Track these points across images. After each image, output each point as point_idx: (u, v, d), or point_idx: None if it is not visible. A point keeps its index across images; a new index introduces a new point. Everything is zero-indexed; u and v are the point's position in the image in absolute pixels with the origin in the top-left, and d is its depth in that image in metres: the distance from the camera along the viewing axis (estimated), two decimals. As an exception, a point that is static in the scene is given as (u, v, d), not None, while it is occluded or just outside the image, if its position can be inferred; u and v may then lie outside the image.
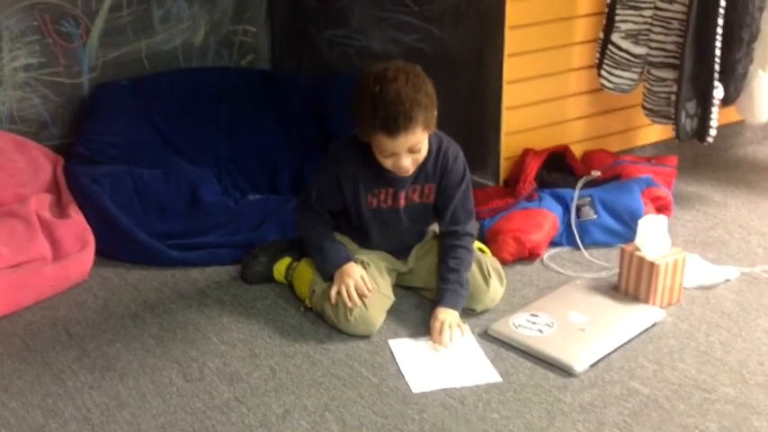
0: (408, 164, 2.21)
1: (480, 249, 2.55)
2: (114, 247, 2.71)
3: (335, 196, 2.35)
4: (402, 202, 2.37)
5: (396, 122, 2.10)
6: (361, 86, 2.16)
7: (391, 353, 2.22)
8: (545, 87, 3.05)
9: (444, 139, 2.34)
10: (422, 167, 2.30)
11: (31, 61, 3.11)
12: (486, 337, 2.28)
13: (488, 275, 2.39)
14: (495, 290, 2.41)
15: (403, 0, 3.12)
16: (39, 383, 2.11)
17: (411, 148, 2.18)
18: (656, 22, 2.90)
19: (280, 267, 2.54)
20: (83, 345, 2.27)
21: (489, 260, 2.46)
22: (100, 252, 2.68)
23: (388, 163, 2.22)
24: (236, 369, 2.16)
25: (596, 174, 2.99)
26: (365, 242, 2.45)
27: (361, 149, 2.27)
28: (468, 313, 2.38)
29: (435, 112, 2.20)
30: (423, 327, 2.33)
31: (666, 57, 2.91)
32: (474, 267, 2.39)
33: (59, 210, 2.76)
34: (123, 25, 3.25)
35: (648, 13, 2.90)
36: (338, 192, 2.34)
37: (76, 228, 2.67)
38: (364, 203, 2.36)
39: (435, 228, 2.50)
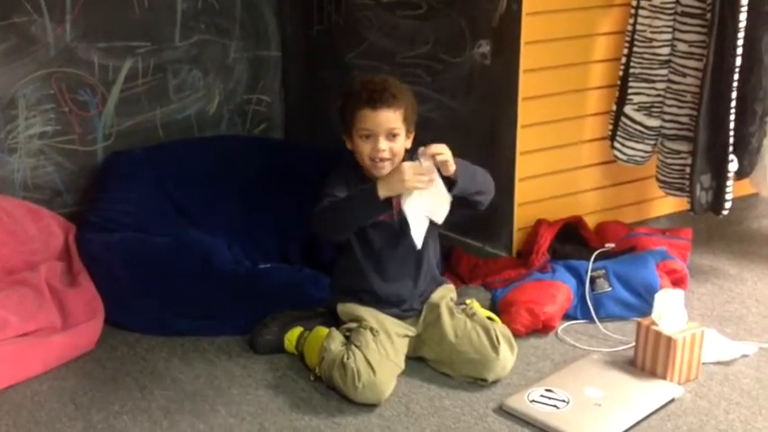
0: (385, 148, 2.30)
1: (490, 318, 2.52)
2: (123, 315, 2.68)
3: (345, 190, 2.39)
4: (395, 212, 2.35)
5: (381, 96, 2.29)
6: (352, 83, 2.41)
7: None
8: (558, 158, 3.05)
9: None
10: None
11: (47, 129, 3.13)
12: (501, 412, 2.23)
13: (497, 343, 2.37)
14: (506, 357, 2.37)
15: (415, 71, 3.14)
16: (43, 456, 2.07)
17: (390, 131, 2.30)
18: (669, 95, 2.91)
19: (291, 337, 2.51)
20: (89, 416, 2.23)
21: (498, 327, 2.44)
22: (109, 320, 2.65)
23: (366, 149, 2.32)
24: (245, 443, 2.12)
25: (610, 246, 2.97)
26: (378, 279, 2.42)
27: (353, 167, 2.40)
28: (479, 384, 2.35)
29: (415, 117, 2.38)
30: (436, 400, 2.29)
31: (680, 129, 2.91)
32: (482, 335, 2.38)
33: (70, 278, 2.74)
34: (139, 94, 3.28)
35: (661, 86, 2.91)
36: (346, 186, 2.38)
37: (86, 297, 2.65)
38: None
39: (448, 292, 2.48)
